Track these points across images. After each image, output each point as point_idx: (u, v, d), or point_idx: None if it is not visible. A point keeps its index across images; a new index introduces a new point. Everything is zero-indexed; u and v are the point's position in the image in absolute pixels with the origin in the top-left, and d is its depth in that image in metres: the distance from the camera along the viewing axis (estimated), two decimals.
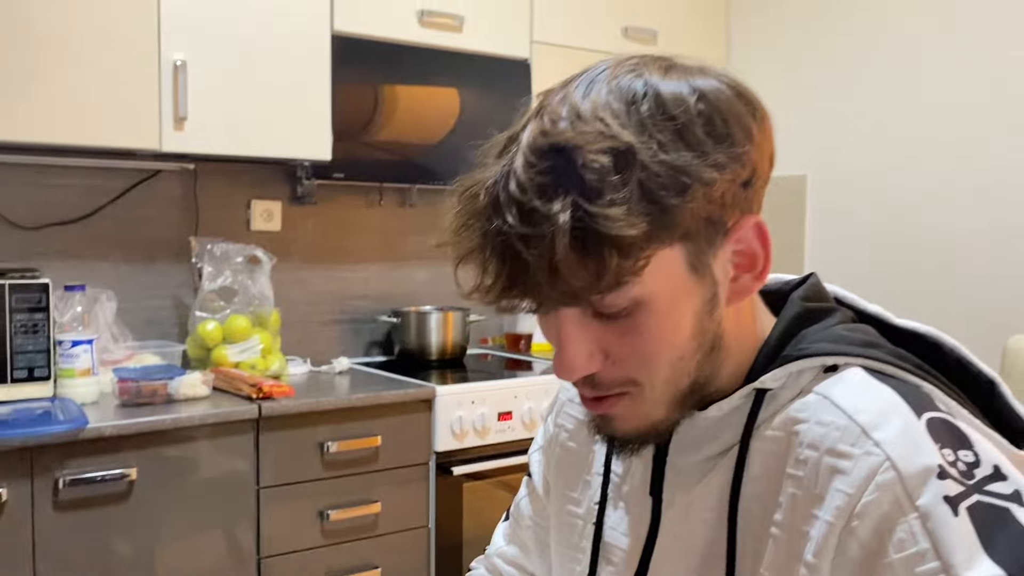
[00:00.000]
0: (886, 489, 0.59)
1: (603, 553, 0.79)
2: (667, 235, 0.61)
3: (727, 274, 0.66)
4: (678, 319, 0.64)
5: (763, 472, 0.66)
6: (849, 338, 0.68)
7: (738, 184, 0.63)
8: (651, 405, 0.67)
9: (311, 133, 2.35)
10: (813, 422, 0.64)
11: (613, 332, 0.65)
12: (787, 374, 0.67)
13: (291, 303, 2.64)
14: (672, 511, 0.73)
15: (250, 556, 2.06)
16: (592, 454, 0.83)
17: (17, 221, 2.26)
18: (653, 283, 0.62)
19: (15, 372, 1.95)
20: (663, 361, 0.65)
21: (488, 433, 2.36)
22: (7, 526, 1.77)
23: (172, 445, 1.95)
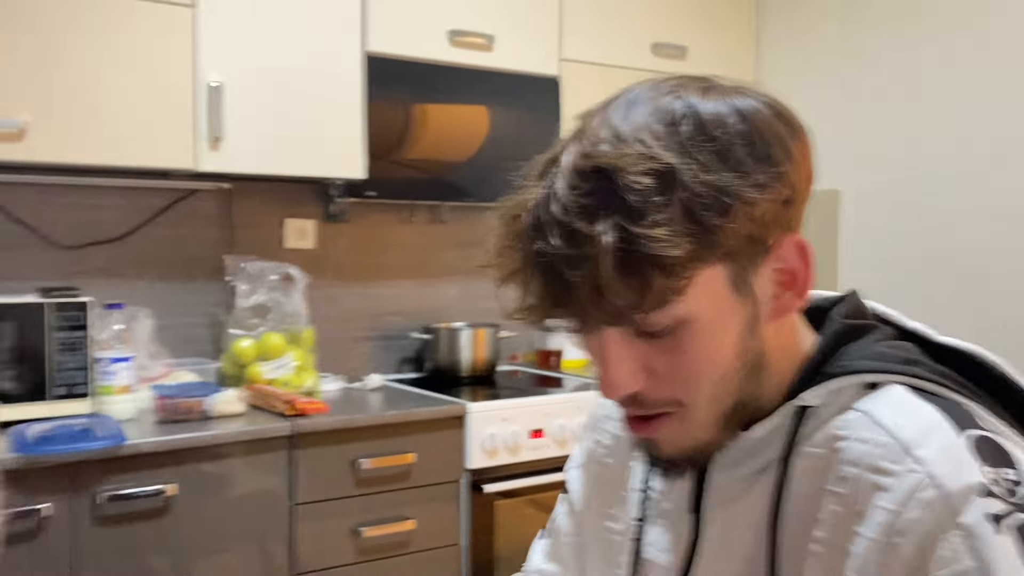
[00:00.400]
0: (928, 507, 0.59)
1: (641, 570, 0.79)
2: (710, 255, 0.62)
3: (769, 292, 0.67)
4: (721, 337, 0.65)
5: (804, 489, 0.66)
6: (890, 355, 0.69)
7: (779, 203, 0.64)
8: (696, 426, 0.68)
9: (345, 152, 2.38)
10: (854, 439, 0.64)
11: (657, 350, 0.65)
12: (828, 391, 0.67)
13: (324, 320, 2.66)
14: (713, 528, 0.73)
15: (284, 573, 2.07)
16: (629, 470, 0.83)
17: (58, 240, 2.31)
18: (696, 302, 0.63)
19: (55, 389, 1.99)
20: (706, 379, 0.66)
21: (520, 451, 2.36)
22: (49, 541, 1.80)
23: (208, 461, 1.97)
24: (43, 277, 2.27)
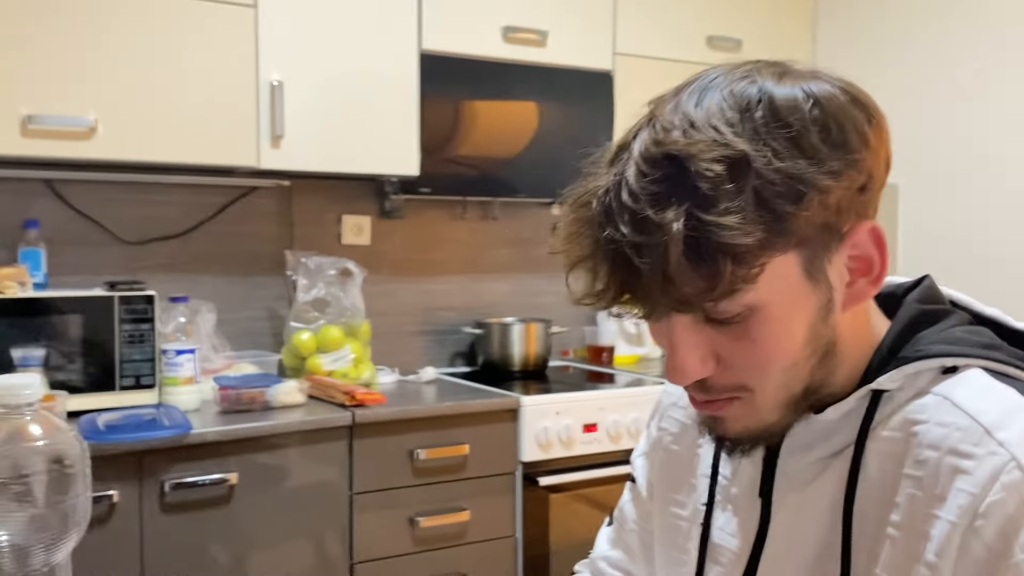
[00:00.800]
0: (1012, 489, 0.58)
1: (711, 554, 0.79)
2: (782, 243, 0.61)
3: (843, 279, 0.66)
4: (792, 326, 0.64)
5: (879, 473, 0.66)
6: (968, 340, 0.68)
7: (854, 190, 0.63)
8: (764, 411, 0.68)
9: (400, 149, 2.41)
10: (933, 423, 0.64)
11: (726, 337, 0.65)
12: (904, 376, 0.67)
13: (380, 314, 2.70)
14: (783, 512, 0.73)
15: (342, 561, 2.11)
16: (697, 457, 0.83)
17: (123, 236, 2.38)
18: (767, 290, 0.62)
19: (123, 380, 2.05)
20: (776, 368, 0.65)
21: (573, 444, 2.37)
22: (118, 526, 1.86)
23: (269, 451, 2.01)
24: (109, 272, 2.33)
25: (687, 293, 0.60)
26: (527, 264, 3.01)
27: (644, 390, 2.54)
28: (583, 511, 2.40)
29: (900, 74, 2.93)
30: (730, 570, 0.77)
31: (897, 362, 0.68)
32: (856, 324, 0.70)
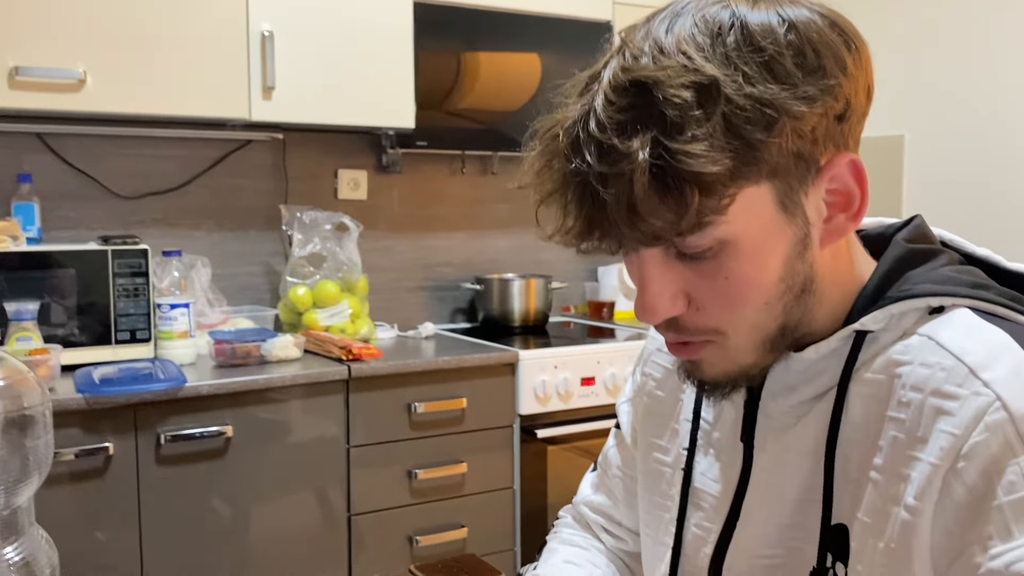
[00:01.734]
0: (996, 430, 0.57)
1: (692, 499, 0.78)
2: (753, 172, 0.59)
3: (821, 214, 0.64)
4: (766, 261, 0.62)
5: (862, 416, 0.64)
6: (957, 279, 0.66)
7: (831, 118, 0.61)
8: (738, 352, 0.66)
9: (395, 102, 2.38)
10: (917, 364, 0.62)
11: (697, 275, 0.63)
12: (888, 316, 0.65)
13: (378, 270, 2.69)
14: (764, 456, 0.71)
15: (341, 513, 2.12)
16: (680, 403, 0.82)
17: (117, 191, 2.36)
18: (739, 223, 0.60)
19: (119, 334, 2.05)
20: (749, 307, 0.63)
21: (571, 398, 2.37)
22: (115, 478, 1.87)
23: (266, 404, 2.01)
24: (103, 226, 2.32)
25: (654, 225, 0.58)
26: (527, 219, 2.98)
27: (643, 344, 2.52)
28: (580, 463, 2.40)
29: (906, 22, 2.86)
30: (712, 515, 0.76)
31: (882, 302, 0.66)
32: (838, 262, 0.67)
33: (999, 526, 0.56)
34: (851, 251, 0.69)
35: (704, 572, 0.75)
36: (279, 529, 2.05)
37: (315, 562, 2.08)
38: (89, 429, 1.84)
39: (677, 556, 0.79)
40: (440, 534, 2.22)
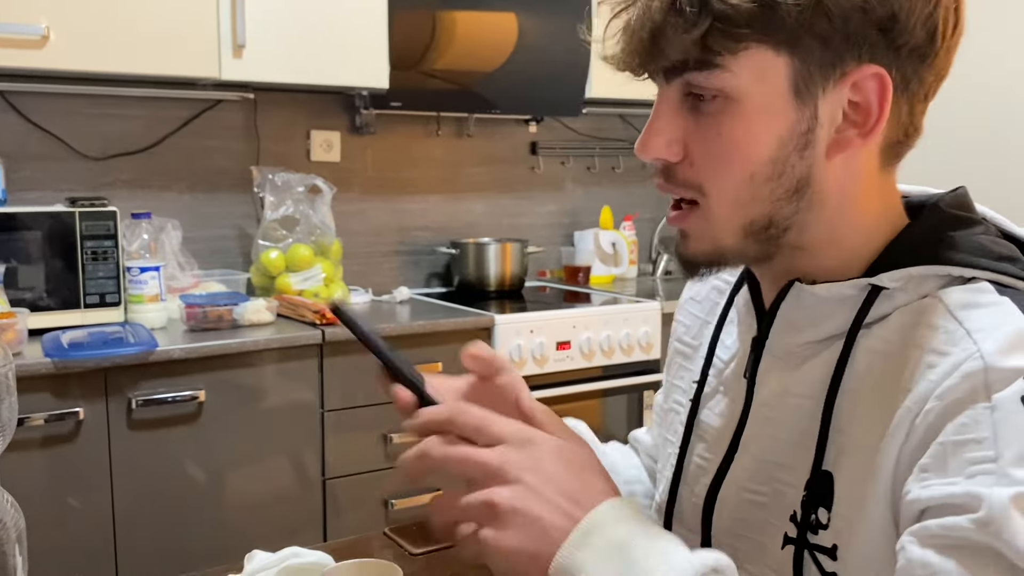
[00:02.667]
0: (968, 377, 0.57)
1: (697, 431, 0.80)
2: (771, 31, 0.60)
3: (834, 120, 0.64)
4: (759, 132, 0.63)
5: (866, 369, 0.65)
6: (986, 249, 0.65)
7: (869, 20, 0.60)
8: (717, 225, 0.67)
9: (368, 61, 2.34)
10: (924, 324, 0.62)
11: (698, 127, 0.65)
12: (907, 276, 0.65)
13: (352, 234, 2.66)
14: (765, 391, 0.73)
15: (315, 477, 2.12)
16: (703, 347, 0.84)
17: (84, 151, 2.31)
18: (745, 81, 0.62)
19: (88, 298, 2.01)
20: (734, 172, 0.64)
21: (547, 362, 2.37)
22: (86, 443, 1.85)
23: (239, 369, 1.99)
24: (70, 188, 2.27)
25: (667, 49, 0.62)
26: (503, 184, 2.96)
27: (618, 308, 2.53)
28: None
29: None
30: (713, 447, 0.78)
31: (907, 260, 0.65)
32: (863, 204, 0.67)
33: (937, 459, 0.57)
34: (884, 200, 0.69)
35: (701, 501, 0.77)
36: (253, 494, 2.04)
37: (290, 526, 2.08)
38: (59, 394, 1.81)
39: (676, 486, 0.81)
40: (415, 497, 2.22)
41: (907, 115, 0.65)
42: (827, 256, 0.68)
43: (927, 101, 0.66)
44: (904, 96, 0.64)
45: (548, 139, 3.02)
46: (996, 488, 0.54)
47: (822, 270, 0.68)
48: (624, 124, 3.18)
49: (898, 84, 0.63)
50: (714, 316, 0.84)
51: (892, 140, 0.66)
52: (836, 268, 0.68)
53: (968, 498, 0.54)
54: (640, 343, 2.50)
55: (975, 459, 0.55)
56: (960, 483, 0.55)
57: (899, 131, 0.66)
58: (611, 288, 2.87)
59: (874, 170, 0.67)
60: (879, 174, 0.68)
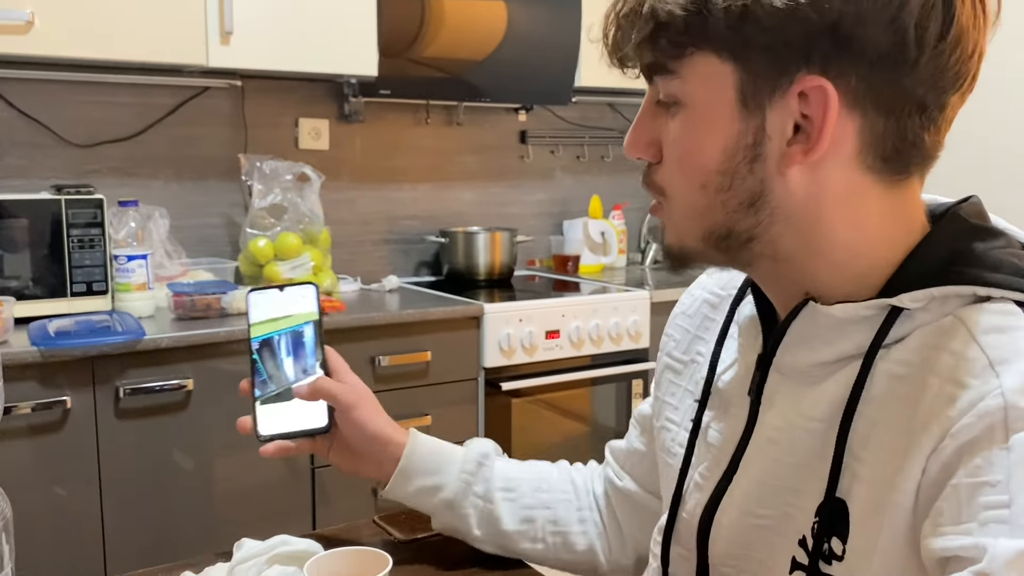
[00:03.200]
0: (986, 416, 0.55)
1: (698, 451, 0.78)
2: (707, 39, 0.60)
3: (784, 133, 0.61)
4: (707, 140, 0.63)
5: (883, 393, 0.62)
6: (1012, 265, 0.61)
7: (808, 29, 0.57)
8: (677, 225, 0.68)
9: (357, 49, 2.32)
10: (945, 349, 0.59)
11: (668, 130, 0.66)
12: (929, 297, 0.61)
13: (341, 223, 2.65)
14: (771, 413, 0.70)
15: (304, 466, 2.11)
16: (695, 364, 0.83)
17: (71, 139, 2.29)
18: (692, 87, 0.62)
19: (74, 286, 2.00)
20: (686, 180, 0.65)
21: (536, 351, 2.37)
22: (73, 432, 1.84)
23: (227, 357, 1.98)
24: (57, 176, 2.26)
25: (625, 49, 0.64)
26: (493, 172, 2.96)
27: (607, 297, 2.53)
28: (544, 416, 2.42)
29: None
30: (712, 465, 0.75)
31: (927, 280, 0.62)
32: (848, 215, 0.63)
33: (951, 504, 0.55)
34: (895, 216, 0.65)
35: (696, 520, 0.75)
36: (242, 483, 2.04)
37: (278, 515, 2.08)
38: (46, 383, 1.80)
39: (676, 507, 0.79)
40: None
41: (892, 129, 0.61)
42: (827, 272, 0.65)
43: (927, 115, 0.61)
44: (878, 109, 0.60)
45: (537, 128, 3.01)
46: (1003, 539, 0.52)
47: (830, 288, 0.66)
48: (613, 113, 3.18)
49: (863, 96, 0.60)
50: (705, 331, 0.82)
51: (880, 155, 0.62)
52: (846, 285, 0.65)
53: (976, 550, 0.52)
54: (629, 332, 2.50)
55: (988, 504, 0.53)
56: (973, 532, 0.53)
57: (883, 146, 0.61)
58: (600, 277, 2.87)
59: (864, 186, 0.63)
60: (876, 189, 0.63)
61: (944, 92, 0.61)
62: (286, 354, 0.94)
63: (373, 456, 0.94)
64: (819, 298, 0.66)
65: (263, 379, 0.94)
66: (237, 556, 0.85)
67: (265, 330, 0.94)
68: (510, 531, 0.93)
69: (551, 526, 0.94)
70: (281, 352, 0.94)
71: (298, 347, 0.94)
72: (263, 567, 0.84)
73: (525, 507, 0.94)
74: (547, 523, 0.94)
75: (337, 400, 0.92)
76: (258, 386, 0.94)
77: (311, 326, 0.94)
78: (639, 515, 0.94)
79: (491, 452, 0.97)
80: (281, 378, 0.93)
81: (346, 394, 0.92)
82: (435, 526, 0.95)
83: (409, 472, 0.93)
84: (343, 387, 0.93)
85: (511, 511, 0.94)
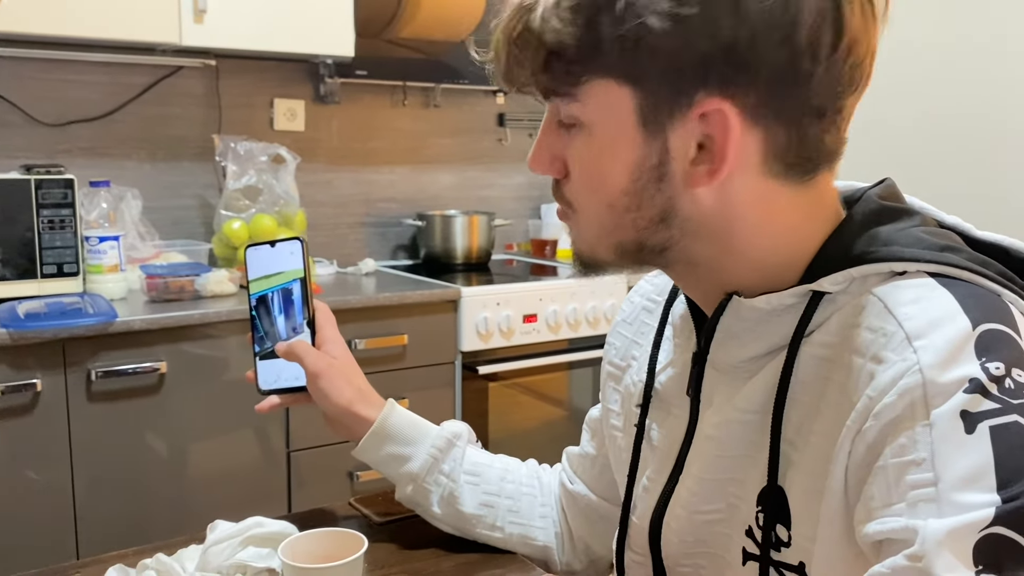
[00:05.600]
0: (906, 393, 0.55)
1: (644, 454, 0.78)
2: (603, 66, 0.60)
3: (687, 154, 0.61)
4: (608, 163, 0.63)
5: (811, 378, 0.63)
6: (927, 240, 0.63)
7: (701, 53, 0.58)
8: (586, 238, 0.68)
9: (333, 29, 2.30)
10: (864, 327, 0.60)
11: (571, 149, 0.65)
12: (849, 279, 0.62)
13: (317, 205, 2.63)
14: (710, 411, 0.71)
15: (279, 450, 2.10)
16: (630, 367, 0.83)
17: (40, 118, 2.25)
18: (592, 111, 0.62)
19: (45, 268, 1.97)
20: (594, 199, 0.65)
21: (513, 334, 2.37)
22: (43, 415, 1.81)
23: (201, 340, 1.96)
24: (26, 155, 2.22)
25: (515, 73, 0.64)
26: (471, 155, 2.94)
27: (584, 282, 2.52)
28: (521, 400, 2.42)
29: None
30: (659, 468, 0.76)
31: (845, 262, 0.63)
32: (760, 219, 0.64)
33: (880, 487, 0.55)
34: (809, 210, 0.65)
35: (646, 524, 0.76)
36: (216, 467, 2.02)
37: (253, 500, 2.07)
38: (16, 365, 1.77)
39: (627, 514, 0.79)
40: None
41: (794, 138, 0.61)
42: (744, 270, 0.66)
43: (826, 119, 0.61)
44: (778, 121, 0.60)
45: (516, 111, 3.00)
46: (932, 520, 0.52)
47: (750, 283, 0.66)
48: None
49: (763, 112, 0.60)
50: (641, 335, 0.83)
51: (785, 162, 0.62)
52: (766, 279, 0.65)
53: (907, 532, 0.52)
54: (606, 316, 2.51)
55: (915, 482, 0.53)
56: (903, 514, 0.53)
57: (786, 155, 0.62)
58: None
59: (772, 190, 0.63)
60: (786, 191, 0.64)
61: (840, 96, 0.61)
62: (278, 311, 0.96)
63: (342, 423, 0.95)
64: (741, 292, 0.66)
65: (260, 335, 0.96)
66: (211, 538, 0.84)
67: (261, 287, 0.96)
68: (468, 514, 0.94)
69: (512, 515, 0.95)
70: (275, 309, 0.96)
71: (288, 305, 0.96)
72: (237, 549, 0.83)
73: (487, 493, 0.95)
74: (508, 512, 0.95)
75: (304, 366, 0.93)
76: (257, 341, 0.97)
77: (298, 284, 0.95)
78: (587, 519, 0.95)
79: (464, 434, 0.97)
80: (275, 334, 0.96)
81: (313, 362, 0.93)
82: (398, 496, 0.96)
83: (381, 436, 0.94)
84: (311, 354, 0.93)
85: (472, 494, 0.94)
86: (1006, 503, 0.50)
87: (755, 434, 0.66)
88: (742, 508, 0.67)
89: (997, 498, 0.51)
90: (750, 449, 0.66)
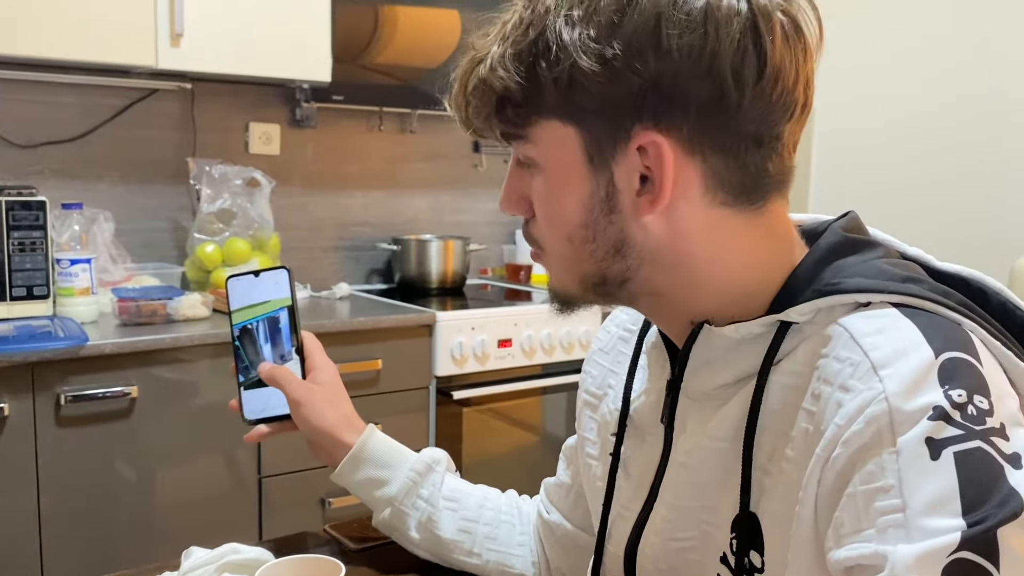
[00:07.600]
0: (872, 421, 0.56)
1: (619, 483, 0.79)
2: (547, 107, 0.63)
3: (631, 185, 0.64)
4: (563, 200, 0.66)
5: (781, 406, 0.64)
6: (889, 272, 0.64)
7: (630, 90, 0.60)
8: (555, 274, 0.71)
9: (310, 54, 2.31)
10: (831, 357, 0.61)
11: (533, 189, 0.68)
12: (815, 309, 0.64)
13: (291, 229, 2.62)
14: (683, 438, 0.71)
15: (251, 476, 2.08)
16: (606, 396, 0.84)
17: (11, 139, 2.23)
18: (543, 151, 0.66)
19: (14, 290, 1.94)
20: (555, 235, 0.68)
21: (488, 359, 2.37)
22: (10, 440, 1.78)
23: (172, 364, 1.95)
24: None
25: (471, 118, 0.67)
26: (446, 180, 2.95)
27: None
28: (496, 425, 2.41)
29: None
30: (634, 496, 0.76)
31: (811, 294, 0.64)
32: (715, 246, 0.66)
33: (850, 514, 0.56)
34: (765, 237, 0.67)
35: (621, 552, 0.76)
36: (187, 493, 1.99)
37: (224, 526, 2.04)
38: None
39: (602, 543, 0.79)
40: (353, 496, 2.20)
41: (733, 166, 0.63)
42: (707, 301, 0.67)
43: (766, 146, 0.63)
44: (715, 150, 0.62)
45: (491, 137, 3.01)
46: (901, 546, 0.52)
47: (716, 312, 0.68)
48: None
49: (698, 142, 0.62)
50: (617, 364, 0.83)
51: (728, 191, 0.64)
52: (733, 308, 0.67)
53: (877, 558, 0.53)
54: (581, 341, 2.52)
55: (884, 508, 0.54)
56: (872, 540, 0.54)
57: (729, 183, 0.64)
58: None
59: (721, 219, 0.65)
60: (736, 219, 0.65)
61: (776, 124, 0.63)
62: (264, 340, 0.96)
63: (324, 448, 0.96)
64: (711, 321, 0.68)
65: (244, 365, 0.96)
66: (186, 565, 0.84)
67: (244, 317, 0.96)
68: (446, 539, 0.94)
69: (490, 542, 0.95)
70: (260, 338, 0.96)
71: (275, 333, 0.96)
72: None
73: (465, 519, 0.95)
74: (486, 539, 0.95)
75: (286, 393, 0.93)
76: (241, 371, 0.96)
77: (285, 312, 0.95)
78: (564, 548, 0.95)
79: (443, 460, 0.97)
80: (260, 364, 0.96)
81: (294, 390, 0.93)
82: (375, 521, 0.95)
83: (360, 460, 0.94)
84: (292, 382, 0.94)
85: (451, 520, 0.94)
86: (971, 527, 0.51)
87: (727, 461, 0.67)
88: (716, 535, 0.68)
89: (963, 523, 0.52)
90: (723, 476, 0.67)
